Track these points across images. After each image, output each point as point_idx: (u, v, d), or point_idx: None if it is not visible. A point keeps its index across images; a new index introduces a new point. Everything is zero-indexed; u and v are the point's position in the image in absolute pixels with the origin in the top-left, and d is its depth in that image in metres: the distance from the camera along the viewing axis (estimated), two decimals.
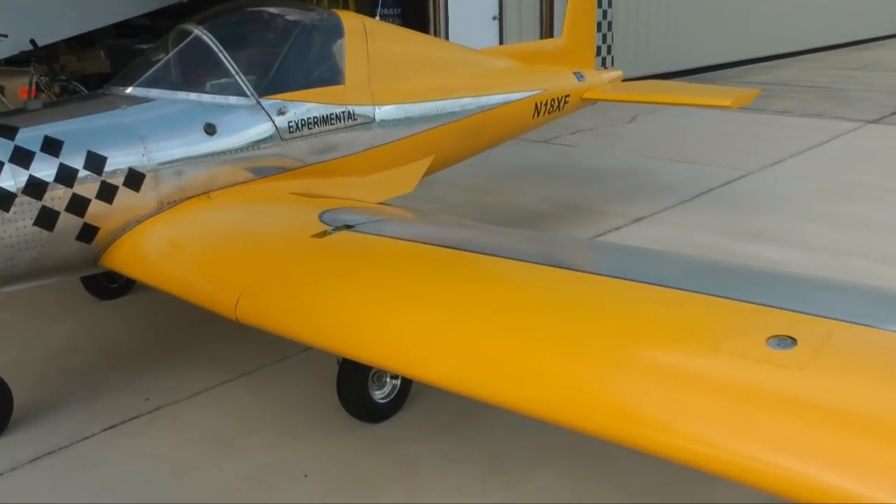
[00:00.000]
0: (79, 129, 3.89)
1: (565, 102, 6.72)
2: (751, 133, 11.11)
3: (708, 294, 2.55)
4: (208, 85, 4.34)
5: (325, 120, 4.65)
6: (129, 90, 4.23)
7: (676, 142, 10.51)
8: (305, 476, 3.66)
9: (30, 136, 3.72)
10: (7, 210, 3.62)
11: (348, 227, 3.61)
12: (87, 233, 3.88)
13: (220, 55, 4.34)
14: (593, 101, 7.21)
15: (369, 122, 4.92)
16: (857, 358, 2.19)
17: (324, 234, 3.53)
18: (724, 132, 11.06)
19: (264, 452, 3.84)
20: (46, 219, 3.74)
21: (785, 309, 2.41)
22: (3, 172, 3.60)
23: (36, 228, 3.72)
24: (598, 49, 7.42)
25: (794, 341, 2.20)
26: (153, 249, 3.89)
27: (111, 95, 4.22)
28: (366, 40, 4.99)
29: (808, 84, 16.10)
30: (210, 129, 4.18)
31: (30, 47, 11.23)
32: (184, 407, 4.29)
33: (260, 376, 4.53)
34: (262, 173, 4.40)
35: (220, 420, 4.14)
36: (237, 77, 4.35)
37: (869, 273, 5.95)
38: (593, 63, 7.39)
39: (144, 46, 8.88)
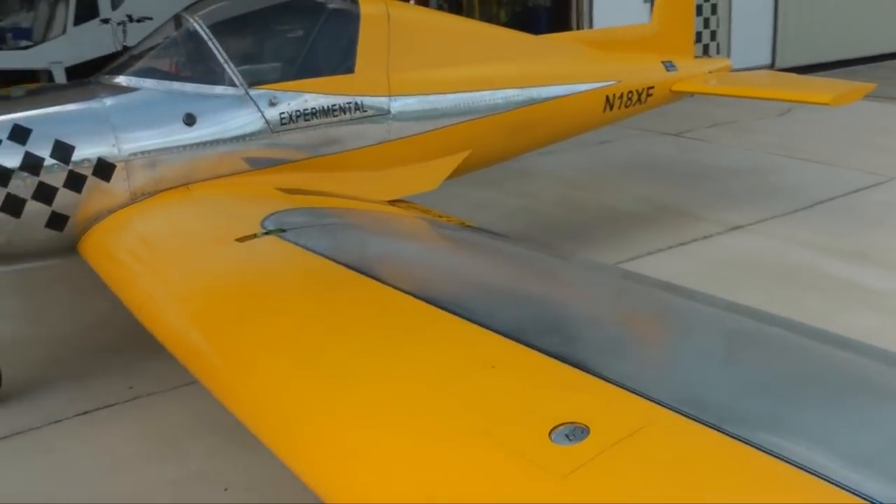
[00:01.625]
0: (49, 118, 3.89)
1: (648, 95, 6.12)
2: None
3: (537, 349, 2.11)
4: (195, 74, 4.22)
5: (327, 112, 4.43)
6: (116, 79, 4.19)
7: (823, 139, 9.45)
8: (225, 490, 3.50)
9: None
10: None
11: (282, 230, 3.38)
12: (57, 221, 3.88)
13: (210, 43, 4.21)
14: (689, 94, 6.54)
15: (383, 114, 4.64)
16: (650, 465, 1.68)
17: (251, 237, 3.32)
18: (887, 129, 9.84)
19: (202, 459, 3.72)
20: (13, 205, 3.77)
21: (611, 381, 1.94)
22: None
23: (2, 215, 3.76)
24: (699, 35, 6.68)
25: (586, 432, 1.75)
26: (114, 242, 3.83)
27: (95, 84, 4.19)
28: (388, 26, 4.70)
29: None
30: (189, 120, 4.07)
31: None
32: (159, 399, 4.25)
33: None
34: (250, 165, 4.25)
35: (181, 417, 4.06)
36: (226, 66, 4.20)
37: None
38: (691, 51, 6.70)
39: None
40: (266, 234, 3.35)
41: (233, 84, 4.20)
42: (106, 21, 11.62)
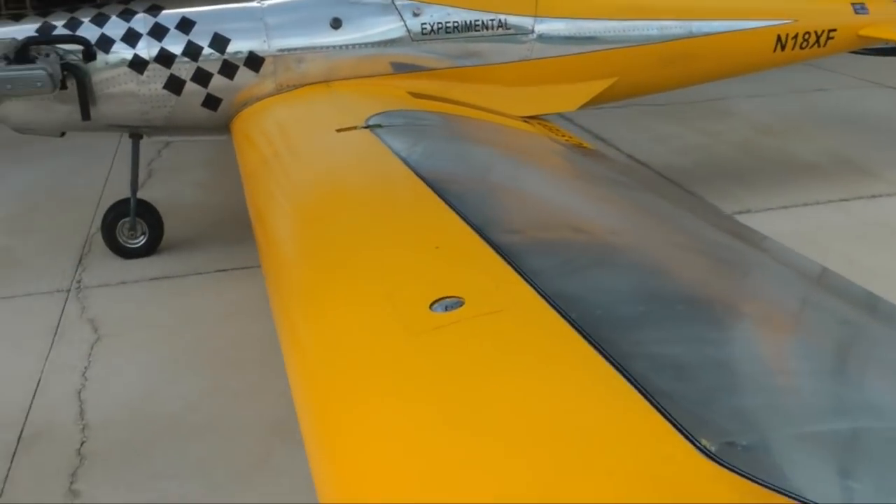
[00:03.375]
0: (213, 14, 4.42)
1: (829, 38, 5.75)
2: None
3: (488, 241, 2.25)
4: None
5: (469, 26, 4.64)
6: None
7: None
8: None
9: (170, 16, 4.37)
10: (141, 73, 4.34)
11: (379, 126, 3.68)
12: (211, 102, 4.45)
13: None
14: (883, 42, 6.09)
15: (526, 34, 4.78)
16: (491, 339, 1.81)
17: (349, 129, 3.64)
18: None
19: None
20: (174, 85, 4.38)
21: (516, 269, 2.04)
22: (140, 42, 4.31)
23: (165, 91, 4.39)
24: None
25: (461, 303, 1.90)
26: (252, 126, 4.32)
27: None
28: None
29: None
30: (336, 24, 4.46)
31: None
32: None
33: None
34: (390, 69, 4.59)
35: None
36: None
37: None
38: None
39: None
40: (364, 128, 3.68)
41: None
42: None
